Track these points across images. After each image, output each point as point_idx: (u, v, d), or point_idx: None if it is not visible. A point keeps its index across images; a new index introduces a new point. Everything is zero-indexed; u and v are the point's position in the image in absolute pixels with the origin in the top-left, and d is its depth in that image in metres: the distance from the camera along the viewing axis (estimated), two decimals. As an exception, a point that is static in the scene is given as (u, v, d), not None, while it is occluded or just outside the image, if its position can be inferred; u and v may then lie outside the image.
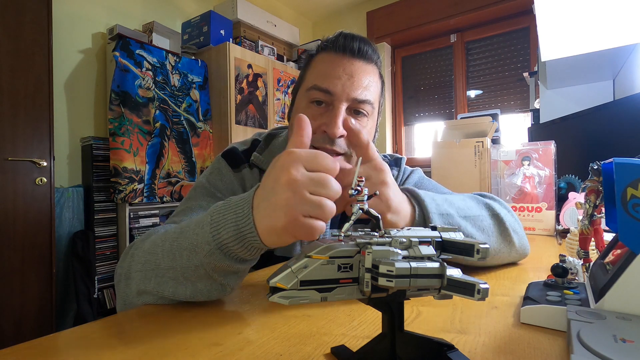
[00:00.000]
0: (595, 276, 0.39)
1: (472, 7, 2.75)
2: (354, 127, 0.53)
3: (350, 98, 0.61)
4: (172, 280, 0.44)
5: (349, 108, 0.62)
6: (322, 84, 0.61)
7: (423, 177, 0.81)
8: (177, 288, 0.44)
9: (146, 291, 0.46)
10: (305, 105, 0.64)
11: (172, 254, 0.44)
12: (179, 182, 2.24)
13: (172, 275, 0.44)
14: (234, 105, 2.38)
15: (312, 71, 0.65)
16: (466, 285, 0.22)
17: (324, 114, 0.62)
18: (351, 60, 0.62)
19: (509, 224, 0.61)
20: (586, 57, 1.29)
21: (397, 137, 3.34)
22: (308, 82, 0.64)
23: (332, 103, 0.62)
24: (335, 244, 0.25)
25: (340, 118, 0.60)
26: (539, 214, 1.00)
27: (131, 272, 0.47)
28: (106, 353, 0.33)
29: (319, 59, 0.65)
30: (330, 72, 0.62)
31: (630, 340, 0.26)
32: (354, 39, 0.63)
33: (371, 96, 0.63)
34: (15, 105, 1.64)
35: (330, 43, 0.64)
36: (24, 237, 1.65)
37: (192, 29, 2.48)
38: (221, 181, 0.68)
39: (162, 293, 0.44)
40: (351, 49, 0.62)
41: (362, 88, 0.62)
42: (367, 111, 0.64)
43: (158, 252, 0.45)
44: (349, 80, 0.61)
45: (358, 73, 0.62)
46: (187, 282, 0.43)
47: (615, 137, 1.16)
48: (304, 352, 0.32)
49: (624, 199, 0.32)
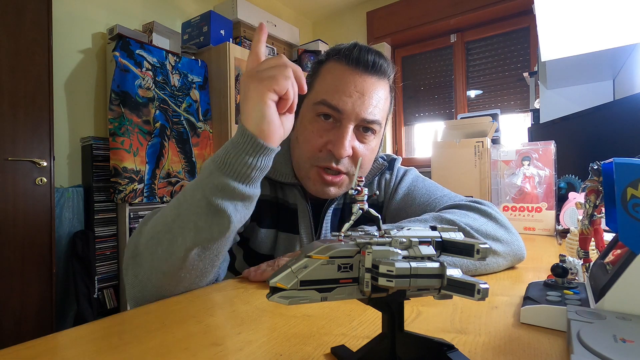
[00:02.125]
0: (595, 276, 0.39)
1: (472, 7, 2.75)
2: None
3: (359, 118, 0.60)
4: (179, 230, 0.45)
5: (356, 127, 0.62)
6: (332, 100, 0.60)
7: (417, 178, 0.78)
8: (185, 236, 0.45)
9: (156, 264, 0.47)
10: (312, 118, 0.63)
11: (178, 201, 0.47)
12: (179, 182, 2.24)
13: (179, 224, 0.45)
14: (234, 105, 2.38)
15: (322, 82, 0.63)
16: (466, 285, 0.22)
17: (331, 131, 0.61)
18: (363, 77, 0.61)
19: (481, 233, 0.58)
20: (586, 57, 1.29)
21: (397, 137, 3.34)
22: (317, 94, 0.62)
23: (340, 121, 0.61)
24: (335, 244, 0.25)
25: (348, 139, 0.60)
26: (539, 214, 1.00)
27: (139, 248, 0.48)
28: (106, 353, 0.33)
29: (330, 69, 0.63)
30: (341, 88, 0.60)
31: (630, 340, 0.26)
32: (370, 52, 0.61)
33: (380, 115, 0.63)
34: (15, 105, 1.64)
35: (344, 53, 0.62)
36: (24, 237, 1.65)
37: (192, 29, 2.48)
38: None
39: (173, 250, 0.45)
40: (365, 62, 0.60)
41: (372, 107, 0.61)
42: (375, 129, 0.63)
43: (166, 211, 0.48)
44: (359, 99, 0.60)
45: (369, 91, 0.61)
46: (190, 223, 0.45)
47: (615, 137, 1.16)
48: (304, 352, 0.32)
49: (624, 199, 0.32)
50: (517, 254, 0.61)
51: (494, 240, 0.59)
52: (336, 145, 0.59)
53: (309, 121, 0.63)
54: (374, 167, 0.75)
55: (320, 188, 0.64)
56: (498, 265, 0.59)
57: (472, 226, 0.59)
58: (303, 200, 0.68)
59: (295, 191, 0.68)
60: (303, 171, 0.65)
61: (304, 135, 0.64)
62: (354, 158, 0.62)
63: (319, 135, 0.62)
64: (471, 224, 0.59)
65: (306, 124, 0.64)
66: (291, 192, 0.69)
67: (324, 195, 0.65)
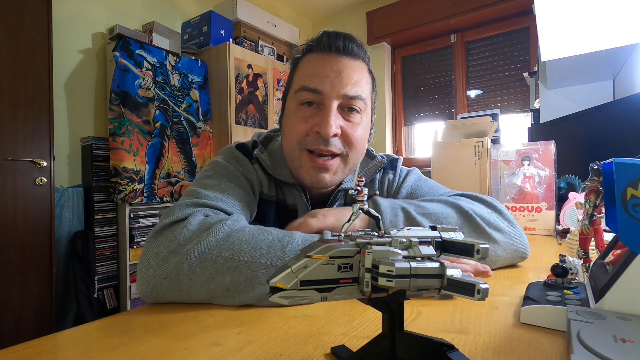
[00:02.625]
0: (595, 276, 0.39)
1: (472, 7, 2.75)
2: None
3: (340, 95, 0.60)
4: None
5: (340, 106, 0.61)
6: (310, 83, 0.60)
7: (420, 178, 0.78)
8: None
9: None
10: (296, 108, 0.63)
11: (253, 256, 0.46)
12: (179, 182, 2.24)
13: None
14: (234, 105, 2.38)
15: (299, 73, 0.64)
16: (466, 285, 0.22)
17: (316, 115, 0.61)
18: (337, 58, 0.61)
19: (483, 220, 0.59)
20: (586, 57, 1.29)
21: (397, 137, 3.34)
22: (296, 84, 0.63)
23: (322, 102, 0.60)
24: (335, 244, 0.25)
25: (332, 117, 0.59)
26: (539, 214, 1.00)
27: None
28: (106, 353, 0.33)
29: (305, 61, 0.64)
30: (317, 72, 0.60)
31: (630, 340, 0.26)
32: (338, 36, 0.61)
33: (362, 92, 0.62)
34: (15, 105, 1.64)
35: (315, 43, 0.62)
36: (24, 237, 1.65)
37: (192, 29, 2.48)
38: (242, 167, 0.66)
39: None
40: (336, 46, 0.61)
41: (352, 84, 0.60)
42: (360, 107, 0.62)
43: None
44: (337, 78, 0.59)
45: (346, 69, 0.60)
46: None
47: (615, 137, 1.15)
48: (304, 352, 0.32)
49: (624, 199, 0.32)
50: (518, 250, 0.61)
51: (496, 230, 0.59)
52: (322, 125, 0.59)
53: (293, 112, 0.63)
54: (373, 164, 0.75)
55: (314, 175, 0.63)
56: (497, 254, 0.59)
57: (476, 212, 0.60)
58: (303, 200, 0.68)
59: (295, 191, 0.68)
60: (295, 160, 0.64)
61: (289, 124, 0.64)
62: (345, 138, 0.61)
63: (304, 120, 0.61)
64: (476, 210, 0.60)
65: (290, 114, 0.64)
66: (291, 193, 0.69)
67: (320, 184, 0.64)
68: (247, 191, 0.64)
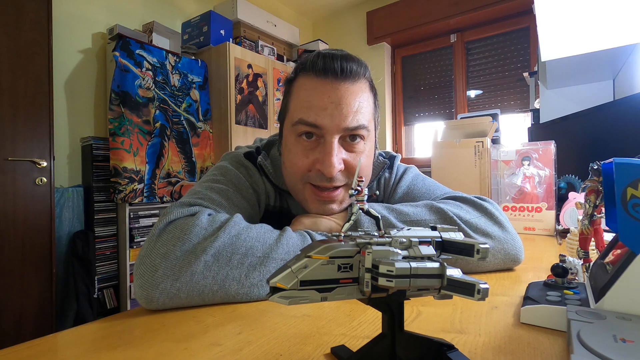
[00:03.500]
0: (595, 276, 0.39)
1: (472, 7, 2.75)
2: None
3: (341, 128, 0.56)
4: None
5: (342, 138, 0.58)
6: (308, 117, 0.56)
7: (417, 177, 0.76)
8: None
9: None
10: (295, 140, 0.60)
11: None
12: (179, 182, 2.24)
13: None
14: (234, 105, 2.38)
15: (295, 100, 0.60)
16: (466, 285, 0.22)
17: (316, 149, 0.58)
18: (335, 85, 0.56)
19: (468, 225, 0.57)
20: (586, 57, 1.29)
21: (397, 137, 3.34)
22: (293, 115, 0.59)
23: (323, 136, 0.57)
24: (335, 244, 0.25)
25: (334, 155, 0.56)
26: (539, 214, 1.00)
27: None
28: (106, 353, 0.33)
29: (300, 85, 0.59)
30: (314, 103, 0.56)
31: (630, 340, 0.26)
32: (334, 58, 0.56)
33: (363, 119, 0.58)
34: (15, 105, 1.64)
35: (310, 66, 0.57)
36: (24, 237, 1.65)
37: (192, 29, 2.48)
38: (251, 178, 0.65)
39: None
40: (333, 70, 0.56)
41: (352, 114, 0.56)
42: (363, 135, 0.59)
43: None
44: (336, 109, 0.55)
45: (345, 97, 0.56)
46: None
47: (615, 137, 1.15)
48: (304, 352, 0.32)
49: (624, 199, 0.32)
50: (509, 254, 0.59)
51: (484, 235, 0.57)
52: (324, 164, 0.56)
53: (292, 144, 0.60)
54: (375, 167, 0.73)
55: (320, 207, 0.61)
56: (489, 261, 0.58)
57: (460, 217, 0.57)
58: (303, 209, 0.67)
59: (296, 200, 0.68)
60: (299, 194, 0.63)
61: (289, 158, 0.61)
62: (349, 170, 0.59)
63: (305, 155, 0.59)
64: (461, 214, 0.58)
65: (290, 147, 0.61)
66: (292, 201, 0.68)
67: (327, 214, 0.62)
68: (251, 204, 0.63)
